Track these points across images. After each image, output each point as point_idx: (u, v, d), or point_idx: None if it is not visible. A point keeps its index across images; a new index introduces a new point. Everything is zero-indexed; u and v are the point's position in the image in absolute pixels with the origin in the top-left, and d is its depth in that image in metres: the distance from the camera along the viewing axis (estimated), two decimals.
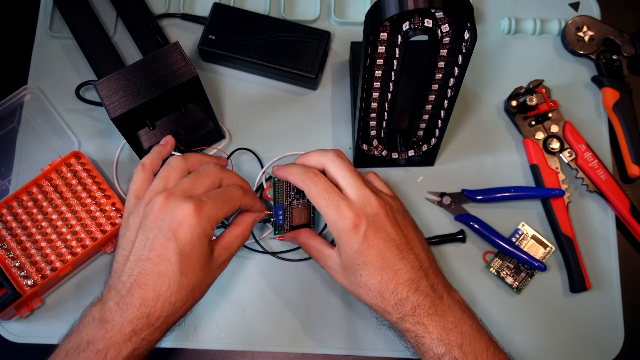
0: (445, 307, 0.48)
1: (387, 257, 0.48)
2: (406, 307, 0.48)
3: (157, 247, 0.46)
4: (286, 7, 0.69)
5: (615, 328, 0.60)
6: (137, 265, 0.46)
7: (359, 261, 0.49)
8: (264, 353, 0.59)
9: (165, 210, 0.47)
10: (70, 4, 0.67)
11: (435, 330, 0.47)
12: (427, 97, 0.55)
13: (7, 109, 0.66)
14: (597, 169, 0.63)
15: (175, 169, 0.51)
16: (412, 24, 0.45)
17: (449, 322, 0.47)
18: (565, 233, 0.61)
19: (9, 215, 0.58)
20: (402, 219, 0.51)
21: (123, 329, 0.45)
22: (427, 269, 0.50)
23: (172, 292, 0.46)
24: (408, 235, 0.51)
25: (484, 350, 0.47)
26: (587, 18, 0.68)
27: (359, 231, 0.48)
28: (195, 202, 0.46)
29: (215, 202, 0.48)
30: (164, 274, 0.46)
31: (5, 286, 0.56)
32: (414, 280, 0.48)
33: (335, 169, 0.51)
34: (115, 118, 0.54)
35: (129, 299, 0.46)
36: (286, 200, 0.56)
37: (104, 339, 0.45)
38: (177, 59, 0.55)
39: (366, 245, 0.48)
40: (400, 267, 0.48)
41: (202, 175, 0.50)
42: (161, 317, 0.46)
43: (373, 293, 0.49)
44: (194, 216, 0.46)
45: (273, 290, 0.60)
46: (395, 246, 0.49)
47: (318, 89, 0.67)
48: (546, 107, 0.64)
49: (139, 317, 0.45)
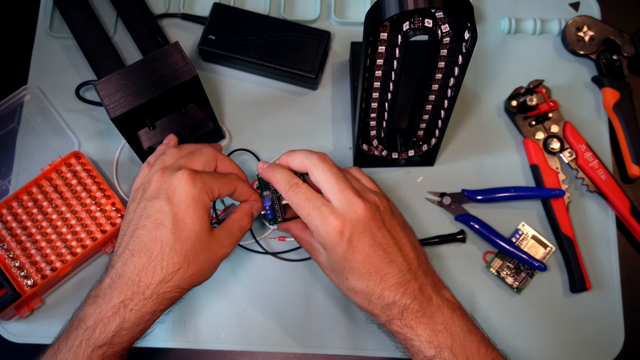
0: (434, 308, 0.47)
1: (374, 262, 0.47)
2: (394, 310, 0.47)
3: (153, 213, 0.46)
4: (286, 7, 0.69)
5: (615, 328, 0.60)
6: (133, 236, 0.47)
7: (344, 266, 0.48)
8: (264, 353, 0.59)
9: (161, 180, 0.48)
10: (70, 4, 0.67)
11: (424, 332, 0.46)
12: (427, 97, 0.55)
13: (7, 109, 0.66)
14: (598, 169, 0.63)
15: (171, 156, 0.52)
16: (412, 24, 0.45)
17: (438, 323, 0.46)
18: (566, 233, 0.61)
19: (9, 215, 0.58)
20: (389, 220, 0.50)
21: (113, 301, 0.45)
22: (416, 270, 0.49)
23: (164, 255, 0.45)
24: (396, 236, 0.49)
25: (475, 350, 0.46)
26: (588, 18, 0.68)
27: (344, 237, 0.47)
28: (189, 170, 0.48)
29: (211, 175, 0.49)
30: (158, 238, 0.45)
31: (5, 286, 0.56)
32: (401, 284, 0.47)
33: (318, 172, 0.50)
34: (115, 118, 0.54)
35: (122, 269, 0.46)
36: (274, 194, 0.56)
37: (94, 315, 0.45)
38: (177, 59, 0.55)
39: (351, 252, 0.47)
40: (387, 271, 0.47)
41: (196, 154, 0.51)
42: (151, 285, 0.45)
43: (360, 296, 0.48)
44: (188, 180, 0.47)
45: (273, 290, 0.60)
46: (382, 250, 0.48)
47: (318, 89, 0.67)
48: (546, 107, 0.64)
49: (129, 284, 0.45)
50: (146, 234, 0.46)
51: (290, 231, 0.56)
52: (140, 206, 0.48)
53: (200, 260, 0.47)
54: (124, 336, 0.45)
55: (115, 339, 0.45)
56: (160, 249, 0.45)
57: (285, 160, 0.53)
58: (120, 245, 0.48)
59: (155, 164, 0.52)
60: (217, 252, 0.49)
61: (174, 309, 0.59)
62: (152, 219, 0.46)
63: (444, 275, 0.60)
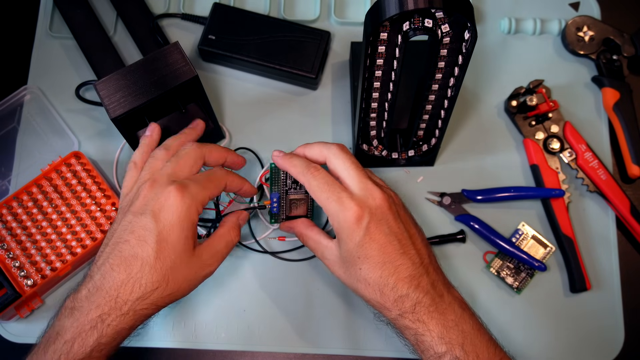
0: (445, 304, 0.47)
1: (389, 252, 0.47)
2: (406, 304, 0.47)
3: (137, 229, 0.46)
4: (286, 7, 0.69)
5: (615, 328, 0.60)
6: (114, 249, 0.46)
7: (359, 254, 0.48)
8: (264, 353, 0.59)
9: (149, 194, 0.47)
10: (70, 4, 0.67)
11: (436, 328, 0.46)
12: (427, 97, 0.55)
13: (7, 109, 0.66)
14: (597, 169, 0.63)
15: (159, 159, 0.52)
16: (412, 24, 0.45)
17: (450, 320, 0.47)
18: (566, 233, 0.61)
19: (9, 215, 0.58)
20: (403, 214, 0.51)
21: (90, 315, 0.44)
22: (428, 266, 0.49)
23: (143, 273, 0.45)
24: (410, 230, 0.50)
25: (485, 349, 0.46)
26: (587, 18, 0.68)
27: (362, 223, 0.47)
28: (179, 184, 0.47)
29: (198, 183, 0.48)
30: (139, 255, 0.45)
31: (5, 286, 0.56)
32: (414, 277, 0.47)
33: (338, 161, 0.50)
34: (115, 118, 0.54)
35: (100, 282, 0.45)
36: (282, 188, 0.56)
37: (72, 328, 0.44)
38: (177, 59, 0.55)
39: (368, 238, 0.47)
40: (401, 262, 0.47)
41: (182, 156, 0.51)
42: (129, 302, 0.45)
43: (372, 288, 0.48)
44: (176, 197, 0.46)
45: (273, 290, 0.60)
46: (397, 240, 0.48)
47: (318, 89, 0.67)
48: (546, 107, 0.64)
49: (106, 299, 0.44)
50: (128, 249, 0.46)
51: (295, 229, 0.56)
52: (126, 219, 0.48)
53: (179, 280, 0.47)
54: (101, 350, 0.45)
55: (94, 352, 0.44)
56: (140, 266, 0.45)
57: (302, 151, 0.53)
58: (101, 257, 0.48)
59: (144, 169, 0.51)
60: (199, 271, 0.49)
61: (174, 308, 0.59)
62: (136, 235, 0.46)
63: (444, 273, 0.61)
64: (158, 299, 0.46)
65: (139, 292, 0.45)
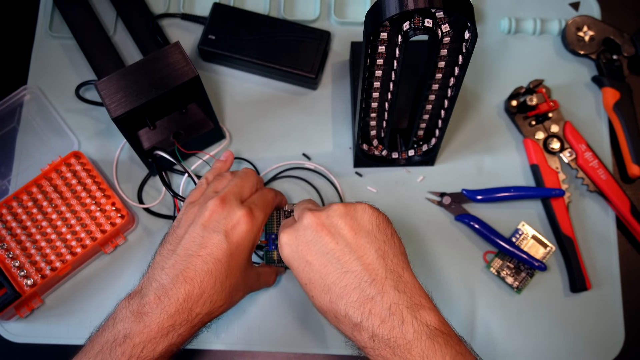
0: (409, 337, 0.39)
1: (329, 272, 0.43)
2: (363, 335, 0.41)
3: (210, 245, 0.47)
4: (286, 7, 0.69)
5: (615, 328, 0.60)
6: (186, 260, 0.47)
7: (304, 281, 0.45)
8: (264, 353, 0.59)
9: (221, 212, 0.48)
10: (70, 4, 0.67)
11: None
12: (427, 97, 0.55)
13: (7, 109, 0.66)
14: (598, 169, 0.63)
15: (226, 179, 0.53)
16: (413, 23, 0.45)
17: (415, 355, 0.39)
18: (566, 233, 0.61)
19: (9, 215, 0.58)
20: (350, 223, 0.44)
21: (163, 323, 0.44)
22: (383, 283, 0.41)
23: (215, 291, 0.46)
24: (354, 242, 0.43)
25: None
26: (588, 18, 0.68)
27: (292, 248, 0.46)
28: (248, 208, 0.49)
29: (261, 208, 0.50)
30: (213, 272, 0.46)
31: (5, 286, 0.56)
32: (365, 301, 0.41)
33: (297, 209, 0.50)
34: (116, 118, 0.54)
35: (172, 292, 0.45)
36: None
37: (142, 333, 0.44)
38: (178, 59, 0.55)
39: (303, 262, 0.45)
40: (345, 283, 0.42)
41: (244, 179, 0.52)
42: (200, 315, 0.46)
43: (329, 316, 0.44)
44: (247, 222, 0.48)
45: (273, 290, 0.60)
46: (335, 258, 0.43)
47: (318, 89, 0.67)
48: (546, 107, 0.64)
49: (180, 311, 0.45)
50: (202, 265, 0.46)
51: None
52: (195, 231, 0.48)
53: (238, 297, 0.50)
54: (169, 353, 0.46)
55: (163, 356, 0.45)
56: (213, 284, 0.46)
57: None
58: (169, 266, 0.47)
59: (211, 183, 0.53)
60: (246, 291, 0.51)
61: None
62: (208, 251, 0.46)
63: (444, 275, 0.61)
64: (219, 313, 0.48)
65: (209, 308, 0.46)
